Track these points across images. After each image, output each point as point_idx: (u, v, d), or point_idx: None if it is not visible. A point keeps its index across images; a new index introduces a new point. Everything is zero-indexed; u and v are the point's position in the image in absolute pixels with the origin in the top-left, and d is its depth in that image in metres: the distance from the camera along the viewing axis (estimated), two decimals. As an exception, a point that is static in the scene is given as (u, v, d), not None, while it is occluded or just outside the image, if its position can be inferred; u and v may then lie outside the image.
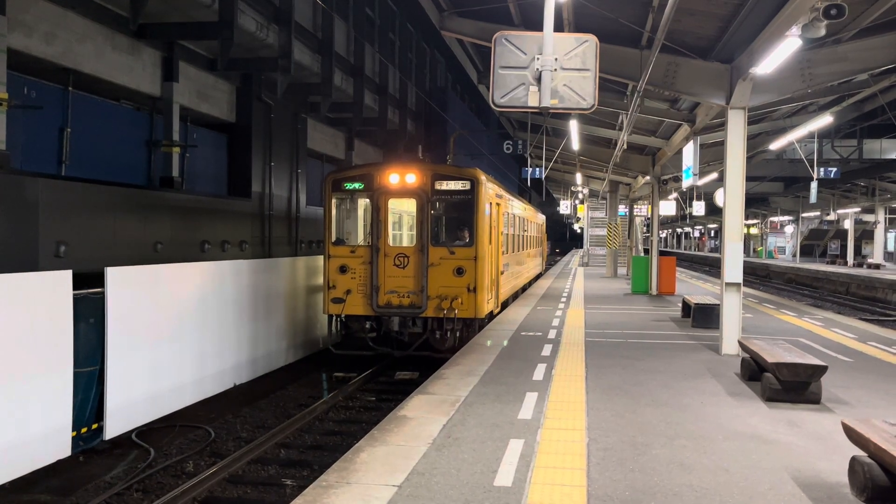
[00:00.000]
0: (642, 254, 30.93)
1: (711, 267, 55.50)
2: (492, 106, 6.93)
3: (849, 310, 26.76)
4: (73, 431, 8.74)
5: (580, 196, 39.07)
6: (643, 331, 13.23)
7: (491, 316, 14.47)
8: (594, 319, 14.71)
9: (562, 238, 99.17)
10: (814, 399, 7.63)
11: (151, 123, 15.71)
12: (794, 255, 56.01)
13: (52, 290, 8.40)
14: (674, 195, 33.28)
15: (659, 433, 6.45)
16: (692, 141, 14.09)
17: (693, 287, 24.77)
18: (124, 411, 9.57)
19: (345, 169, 15.17)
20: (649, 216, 25.41)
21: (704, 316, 13.68)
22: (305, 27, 19.14)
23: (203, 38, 15.34)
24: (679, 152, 16.51)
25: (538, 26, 6.80)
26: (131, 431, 9.69)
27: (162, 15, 14.00)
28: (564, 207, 47.28)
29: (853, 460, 5.11)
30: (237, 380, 12.50)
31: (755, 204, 57.24)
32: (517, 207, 19.47)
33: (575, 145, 20.18)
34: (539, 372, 9.09)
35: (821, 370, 7.52)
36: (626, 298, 19.99)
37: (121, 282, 9.53)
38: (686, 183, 14.90)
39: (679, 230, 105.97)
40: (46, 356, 8.27)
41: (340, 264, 13.16)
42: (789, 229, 62.24)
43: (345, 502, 4.75)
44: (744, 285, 11.13)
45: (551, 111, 6.95)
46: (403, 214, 15.18)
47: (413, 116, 30.32)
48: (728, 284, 10.54)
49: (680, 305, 16.44)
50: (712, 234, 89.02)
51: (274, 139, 19.30)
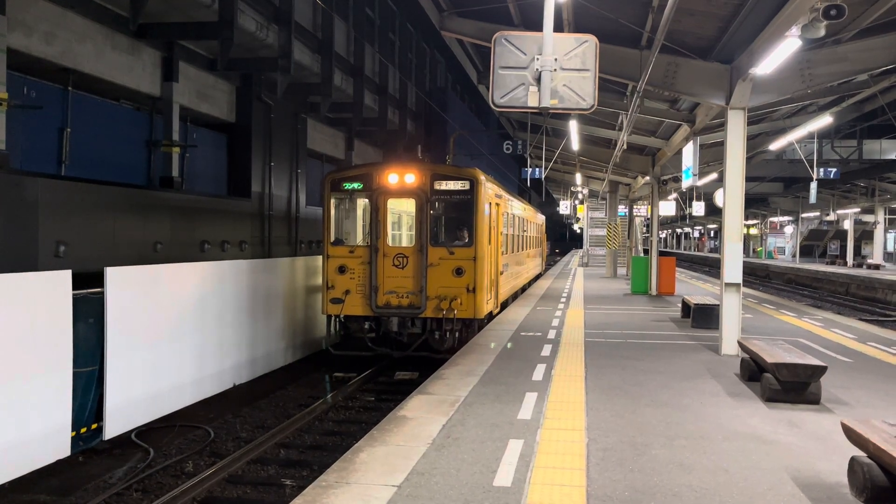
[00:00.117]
0: (642, 254, 30.93)
1: (711, 267, 55.52)
2: (491, 106, 6.93)
3: (848, 310, 26.76)
4: (73, 431, 8.73)
5: (580, 196, 39.08)
6: (643, 331, 13.23)
7: (490, 316, 14.46)
8: (594, 320, 14.71)
9: (561, 238, 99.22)
10: (813, 399, 7.63)
11: (151, 123, 15.72)
12: (794, 256, 56.02)
13: (52, 290, 8.40)
14: (673, 195, 33.31)
15: (658, 433, 6.45)
16: (692, 141, 14.10)
17: (693, 287, 24.78)
18: (124, 411, 9.57)
19: (344, 169, 15.17)
20: (649, 216, 25.42)
21: (704, 316, 13.68)
22: (305, 27, 19.15)
23: (203, 38, 15.36)
24: (679, 153, 16.51)
25: (538, 26, 6.81)
26: (131, 431, 9.68)
27: (162, 15, 14.01)
28: (564, 208, 47.31)
29: (852, 461, 5.11)
30: (237, 380, 12.50)
31: (755, 204, 57.28)
32: (517, 207, 19.46)
33: (575, 145, 20.19)
34: (539, 372, 9.09)
35: (820, 370, 7.53)
36: (626, 299, 19.99)
37: (120, 282, 9.52)
38: (686, 183, 14.91)
39: (679, 230, 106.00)
40: (46, 356, 8.27)
41: (339, 264, 13.13)
42: (789, 230, 62.23)
43: (344, 502, 4.75)
44: (743, 286, 11.14)
45: (551, 111, 6.95)
46: (403, 214, 15.17)
47: (413, 116, 30.34)
48: (728, 285, 10.54)
49: (679, 306, 16.44)
50: (712, 235, 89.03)
51: (274, 139, 19.31)
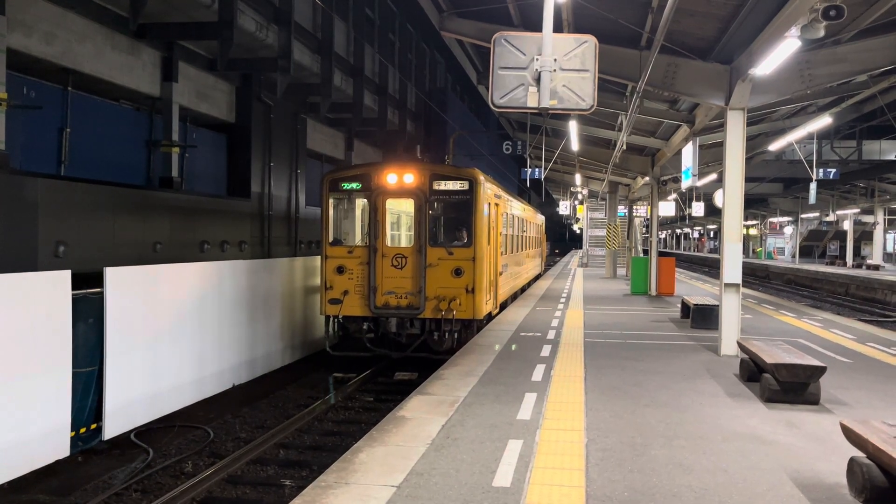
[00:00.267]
0: (641, 254, 30.94)
1: (710, 268, 55.52)
2: (491, 106, 6.93)
3: (848, 311, 26.77)
4: (72, 432, 8.73)
5: (579, 197, 39.07)
6: (642, 331, 13.23)
7: (489, 317, 14.45)
8: (593, 320, 14.71)
9: (561, 239, 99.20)
10: (813, 400, 7.63)
11: (151, 123, 15.71)
12: (794, 256, 56.02)
13: (51, 290, 8.40)
14: (673, 196, 33.33)
15: (658, 434, 6.45)
16: (691, 142, 14.11)
17: (692, 288, 24.78)
18: (123, 411, 9.57)
19: (342, 169, 15.13)
20: (648, 217, 25.42)
21: (703, 317, 13.68)
22: (305, 27, 19.15)
23: (203, 39, 15.35)
24: (678, 153, 16.52)
25: (537, 27, 6.80)
26: (130, 432, 9.69)
27: (161, 15, 14.00)
28: (564, 208, 47.32)
29: (852, 461, 5.11)
30: (236, 380, 12.50)
31: (754, 205, 57.33)
32: (516, 208, 19.46)
33: (574, 146, 20.19)
34: (538, 372, 9.09)
35: (820, 371, 7.53)
36: (626, 299, 19.99)
37: (120, 282, 9.52)
38: (685, 184, 14.92)
39: (678, 231, 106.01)
40: (45, 356, 8.27)
41: (338, 265, 13.11)
42: (788, 230, 62.26)
43: (344, 502, 4.75)
44: (743, 286, 11.14)
45: (550, 112, 6.95)
46: (402, 215, 15.16)
47: (413, 117, 30.33)
48: (727, 285, 10.55)
49: (679, 306, 16.44)
50: (711, 235, 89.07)
51: (273, 139, 19.30)
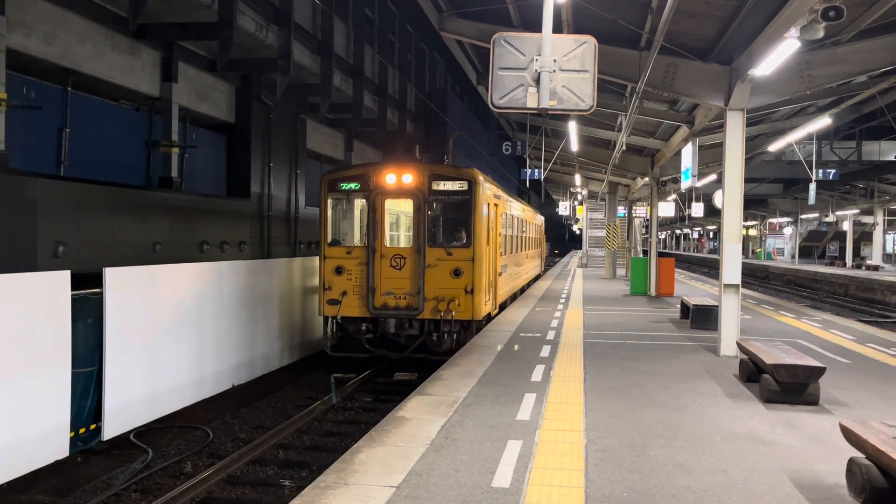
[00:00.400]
0: (641, 255, 30.94)
1: (710, 268, 55.53)
2: (490, 107, 6.93)
3: (847, 311, 26.76)
4: (71, 432, 8.73)
5: (579, 197, 39.05)
6: (642, 332, 13.23)
7: (489, 317, 14.44)
8: (593, 321, 14.71)
9: (561, 239, 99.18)
10: (812, 400, 7.63)
11: (150, 124, 15.71)
12: (793, 257, 56.03)
13: (51, 291, 8.40)
14: (673, 196, 33.33)
15: (657, 434, 6.45)
16: (691, 142, 14.12)
17: (692, 288, 24.78)
18: (122, 412, 9.56)
19: (341, 169, 15.11)
20: (648, 217, 25.42)
21: (703, 317, 13.68)
22: (305, 28, 19.15)
23: (202, 39, 15.35)
24: (678, 154, 16.53)
25: (537, 27, 6.80)
26: (129, 432, 9.68)
27: (161, 15, 14.01)
28: (563, 208, 47.32)
29: (851, 462, 5.11)
30: (236, 380, 12.50)
31: (754, 205, 57.32)
32: (516, 208, 19.45)
33: (574, 146, 20.19)
34: (537, 373, 9.09)
35: (819, 372, 7.53)
36: (625, 300, 19.99)
37: (119, 282, 9.52)
38: (685, 184, 14.93)
39: (678, 231, 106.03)
40: (44, 356, 8.26)
41: (336, 265, 13.07)
42: (788, 231, 62.30)
43: (343, 503, 4.75)
44: (742, 287, 11.13)
45: (550, 112, 6.95)
46: (400, 215, 15.16)
47: (412, 117, 30.34)
48: (727, 286, 10.55)
49: (678, 307, 16.43)
50: (711, 236, 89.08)
51: (273, 140, 19.31)
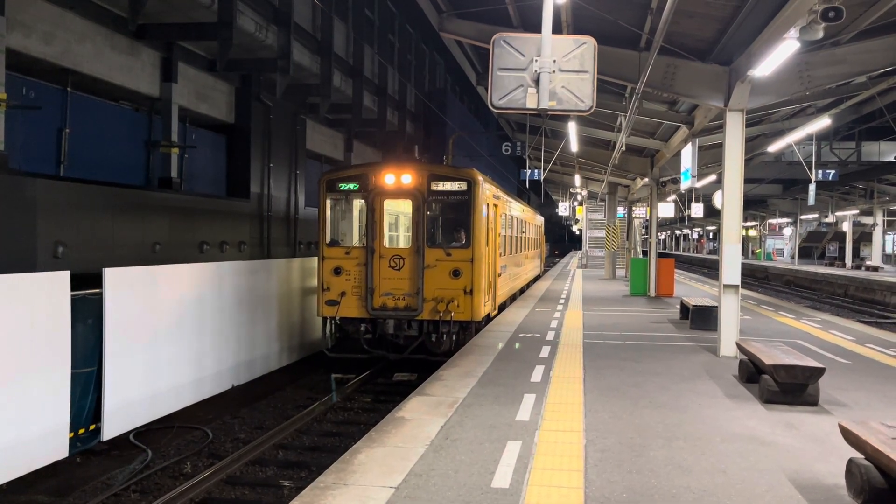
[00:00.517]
0: (641, 256, 30.94)
1: (710, 269, 55.52)
2: (490, 107, 6.93)
3: (847, 312, 26.76)
4: (71, 432, 8.72)
5: (579, 198, 39.07)
6: (641, 332, 13.23)
7: (488, 318, 14.42)
8: (592, 321, 14.71)
9: (560, 240, 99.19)
10: (811, 401, 7.63)
11: (150, 124, 15.72)
12: (793, 257, 56.05)
13: (50, 291, 8.40)
14: (672, 197, 33.33)
15: (657, 435, 6.45)
16: (691, 143, 14.12)
17: (691, 289, 24.78)
18: (122, 412, 9.56)
19: (339, 169, 15.10)
20: (648, 218, 25.42)
21: (702, 318, 13.68)
22: (305, 28, 19.16)
23: (202, 39, 15.36)
24: (678, 154, 16.53)
25: (537, 28, 6.80)
26: (129, 432, 9.68)
27: (161, 15, 14.01)
28: (563, 209, 47.31)
29: (850, 462, 5.11)
30: (235, 381, 12.49)
31: (754, 206, 57.34)
32: (515, 209, 19.45)
33: (573, 147, 20.19)
34: (537, 374, 9.09)
35: (818, 372, 7.53)
36: (625, 300, 20.00)
37: (119, 283, 9.52)
38: (684, 185, 14.93)
39: (678, 232, 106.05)
40: (44, 357, 8.26)
41: (335, 266, 13.03)
42: (788, 231, 62.31)
43: (342, 503, 4.74)
44: (742, 287, 11.13)
45: (550, 113, 6.95)
46: (399, 215, 15.15)
47: (412, 118, 30.35)
48: (726, 286, 10.55)
49: (678, 307, 16.44)
50: (711, 236, 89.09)
51: (273, 140, 19.31)
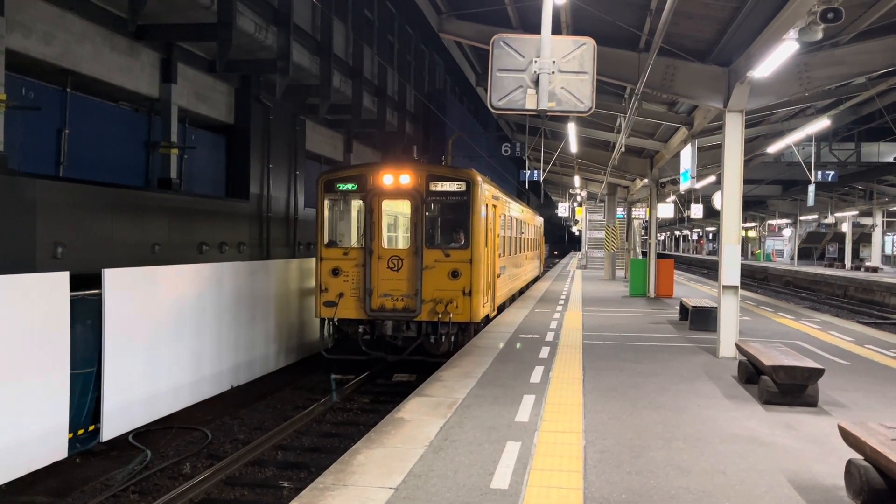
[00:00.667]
0: (640, 256, 30.94)
1: (709, 270, 55.52)
2: (490, 108, 6.93)
3: (846, 313, 26.77)
4: (70, 433, 8.71)
5: (578, 198, 39.09)
6: (641, 333, 13.23)
7: (487, 319, 14.41)
8: (592, 322, 14.71)
9: (560, 240, 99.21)
10: (811, 402, 7.63)
11: (150, 125, 15.71)
12: (792, 258, 56.07)
13: (50, 292, 8.39)
14: (672, 198, 33.33)
15: (656, 436, 6.45)
16: (690, 144, 14.15)
17: (691, 290, 24.78)
18: (121, 413, 9.55)
19: (338, 169, 15.08)
20: (647, 219, 25.44)
21: (702, 319, 13.68)
22: (304, 29, 19.16)
23: (202, 40, 15.36)
24: (677, 155, 16.55)
25: (536, 29, 6.81)
26: (128, 433, 9.67)
27: (160, 16, 14.01)
28: (562, 210, 47.27)
29: (849, 463, 5.11)
30: (234, 382, 12.49)
31: (753, 207, 57.35)
32: (515, 209, 19.44)
33: (573, 148, 20.19)
34: (536, 374, 9.09)
35: (818, 373, 7.53)
36: (624, 301, 20.00)
37: (118, 283, 9.52)
38: (684, 186, 14.95)
39: (677, 233, 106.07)
40: (43, 357, 8.26)
41: (333, 267, 12.98)
42: (787, 232, 62.33)
43: (341, 504, 4.75)
44: (741, 288, 11.14)
45: (549, 114, 6.95)
46: (398, 216, 15.14)
47: (412, 118, 30.35)
48: (725, 287, 10.55)
49: (678, 308, 16.44)
50: (710, 237, 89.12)
51: (272, 141, 19.31)
